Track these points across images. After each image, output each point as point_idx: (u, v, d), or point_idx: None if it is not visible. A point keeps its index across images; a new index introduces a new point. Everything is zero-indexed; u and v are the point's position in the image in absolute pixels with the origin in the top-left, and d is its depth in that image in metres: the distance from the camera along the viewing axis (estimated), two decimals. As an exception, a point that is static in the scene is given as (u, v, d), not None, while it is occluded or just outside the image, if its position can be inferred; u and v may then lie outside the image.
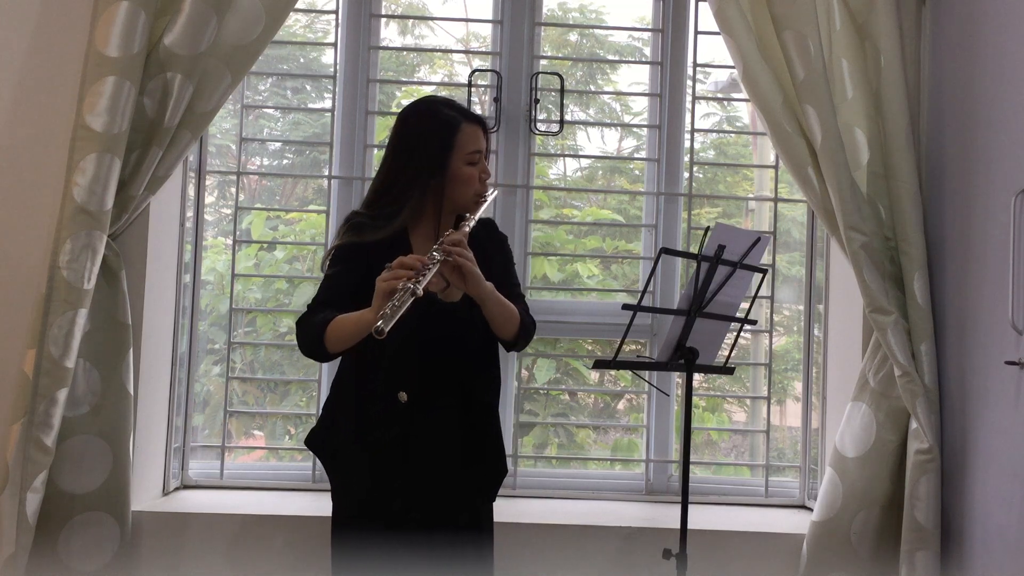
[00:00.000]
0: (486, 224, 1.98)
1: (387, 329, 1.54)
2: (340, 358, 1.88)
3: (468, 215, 1.85)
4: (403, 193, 1.84)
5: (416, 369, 1.81)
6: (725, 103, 2.98)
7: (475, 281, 1.73)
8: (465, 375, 1.86)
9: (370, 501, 1.82)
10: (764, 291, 2.64)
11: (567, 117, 2.72)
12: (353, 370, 1.87)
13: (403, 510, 1.80)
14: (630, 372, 2.68)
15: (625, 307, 1.89)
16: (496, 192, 1.96)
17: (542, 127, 2.68)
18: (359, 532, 1.82)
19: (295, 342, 1.84)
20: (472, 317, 1.81)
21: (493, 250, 1.94)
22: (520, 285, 1.98)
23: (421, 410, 1.81)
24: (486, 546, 1.91)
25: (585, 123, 3.03)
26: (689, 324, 1.94)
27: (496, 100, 2.64)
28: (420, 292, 1.60)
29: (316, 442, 1.91)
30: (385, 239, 1.82)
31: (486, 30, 2.82)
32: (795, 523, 2.45)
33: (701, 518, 2.44)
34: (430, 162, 1.84)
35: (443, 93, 2.91)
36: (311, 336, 1.77)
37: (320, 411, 1.98)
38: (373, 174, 2.69)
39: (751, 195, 3.08)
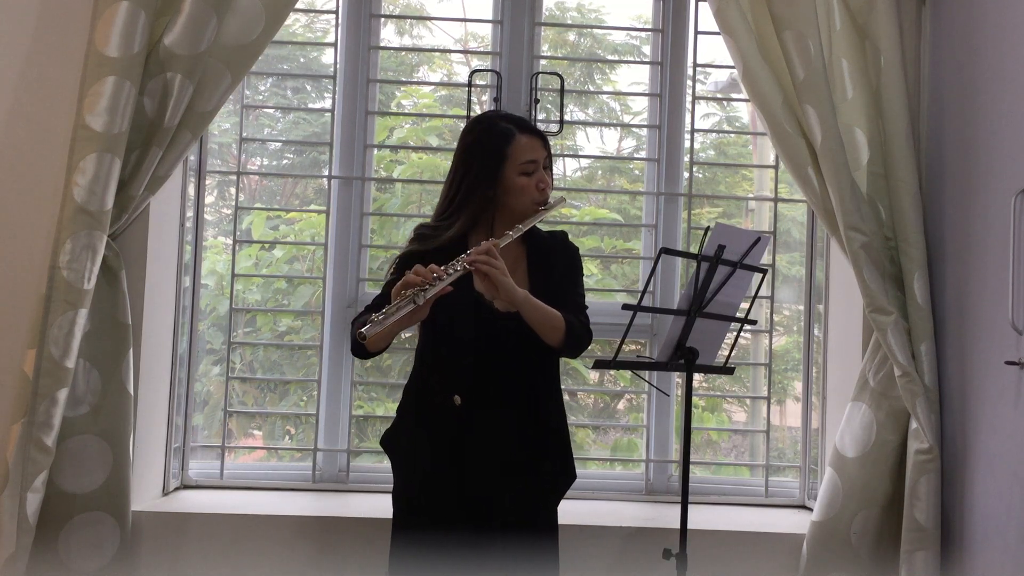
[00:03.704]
0: (556, 235, 2.06)
1: (368, 335, 1.68)
2: (414, 363, 2.01)
3: (518, 225, 1.91)
4: (463, 203, 1.92)
5: (470, 373, 1.87)
6: (725, 103, 2.98)
7: (505, 289, 1.79)
8: (520, 381, 1.91)
9: (427, 495, 1.88)
10: (764, 291, 2.64)
11: (567, 117, 2.72)
12: (417, 373, 1.97)
13: (460, 510, 1.85)
14: (630, 372, 2.68)
15: (625, 307, 1.89)
16: (562, 201, 2.00)
17: (542, 127, 2.67)
18: (417, 532, 1.87)
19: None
20: (528, 325, 1.86)
21: (558, 260, 2.00)
22: (583, 296, 2.01)
23: (475, 413, 1.86)
24: (547, 549, 1.93)
25: (585, 123, 3.03)
26: (689, 324, 1.94)
27: (496, 100, 2.64)
28: (420, 302, 1.70)
29: (385, 441, 1.98)
30: (444, 247, 1.88)
31: (485, 30, 2.82)
32: (795, 523, 2.45)
33: (701, 518, 2.44)
34: (484, 173, 1.91)
35: (442, 93, 2.92)
36: (352, 336, 1.85)
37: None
38: (373, 174, 2.71)
39: (751, 195, 3.08)
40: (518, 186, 1.92)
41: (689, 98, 2.70)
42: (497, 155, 1.91)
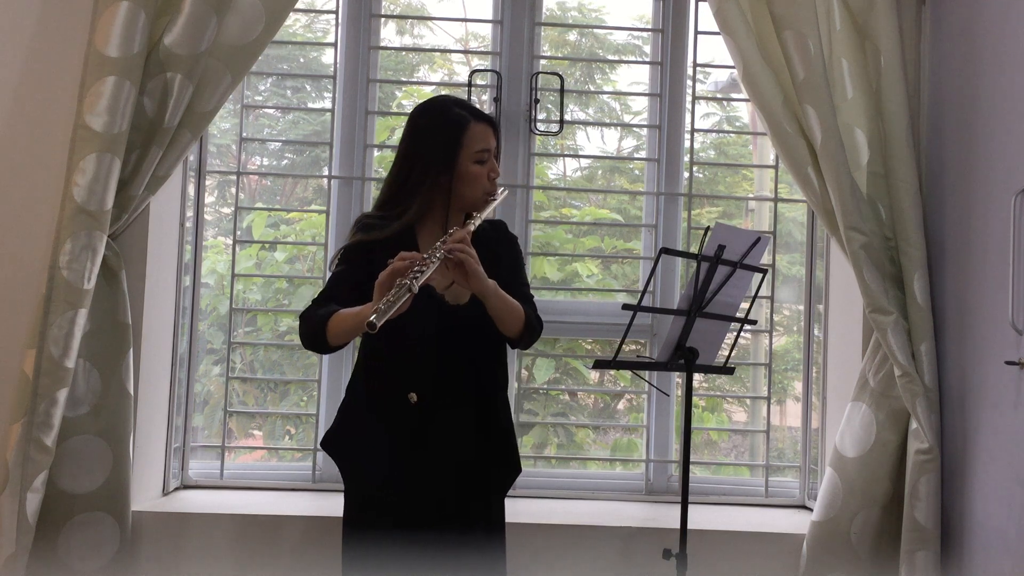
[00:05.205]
0: (497, 225, 2.00)
1: (379, 324, 1.55)
2: (356, 361, 1.93)
3: (476, 213, 1.87)
4: (412, 191, 1.85)
5: (425, 370, 1.83)
6: (725, 103, 2.99)
7: (477, 278, 1.74)
8: (474, 375, 1.87)
9: (380, 498, 1.84)
10: (764, 291, 2.64)
11: (567, 117, 2.72)
12: (364, 372, 1.90)
13: (414, 507, 1.81)
14: (630, 372, 2.69)
15: (625, 307, 1.89)
16: (505, 192, 1.98)
17: (542, 127, 2.68)
18: (370, 531, 1.83)
19: (295, 342, 1.85)
20: (480, 317, 1.82)
21: (502, 250, 1.95)
22: (529, 286, 1.98)
23: (431, 410, 1.82)
24: (498, 542, 1.92)
25: (585, 123, 3.03)
26: (689, 324, 1.94)
27: (496, 100, 2.64)
28: (416, 289, 1.61)
29: (329, 443, 1.92)
30: (392, 236, 1.83)
31: (485, 30, 2.82)
32: (795, 523, 2.45)
33: (701, 518, 2.44)
34: (438, 160, 1.85)
35: (443, 93, 2.92)
36: (314, 329, 1.78)
37: (336, 413, 1.98)
38: (373, 174, 2.70)
39: (751, 195, 3.08)
40: (472, 174, 1.86)
41: (689, 98, 2.70)
42: (452, 142, 1.84)
